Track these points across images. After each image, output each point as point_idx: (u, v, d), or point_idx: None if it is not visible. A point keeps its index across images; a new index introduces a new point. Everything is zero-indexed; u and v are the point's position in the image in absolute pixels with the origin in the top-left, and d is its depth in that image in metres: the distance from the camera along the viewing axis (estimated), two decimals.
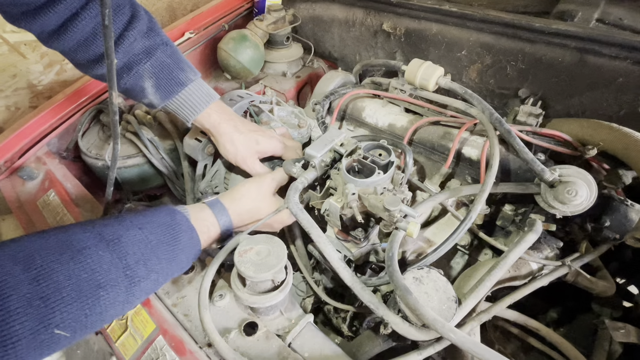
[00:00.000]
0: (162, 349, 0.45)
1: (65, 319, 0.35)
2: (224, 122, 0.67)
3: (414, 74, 0.76)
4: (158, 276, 0.44)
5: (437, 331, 0.44)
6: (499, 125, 0.65)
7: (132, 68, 0.59)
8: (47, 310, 0.34)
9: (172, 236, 0.47)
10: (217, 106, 0.67)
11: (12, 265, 0.34)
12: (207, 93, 0.66)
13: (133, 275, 0.41)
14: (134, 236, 0.43)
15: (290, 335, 0.48)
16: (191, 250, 0.50)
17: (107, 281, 0.39)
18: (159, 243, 0.45)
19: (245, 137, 0.67)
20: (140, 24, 0.58)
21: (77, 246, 0.39)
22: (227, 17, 1.08)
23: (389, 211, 0.53)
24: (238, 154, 0.67)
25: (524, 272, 0.63)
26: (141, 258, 0.42)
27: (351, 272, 0.53)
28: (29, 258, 0.36)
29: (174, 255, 0.46)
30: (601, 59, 0.66)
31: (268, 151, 0.70)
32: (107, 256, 0.40)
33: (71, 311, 0.36)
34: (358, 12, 0.99)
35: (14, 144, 0.75)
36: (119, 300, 0.40)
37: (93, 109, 0.85)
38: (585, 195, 0.56)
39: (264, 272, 0.45)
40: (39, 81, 1.32)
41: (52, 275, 0.35)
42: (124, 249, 0.41)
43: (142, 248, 0.43)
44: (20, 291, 0.33)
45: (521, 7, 0.83)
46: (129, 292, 0.41)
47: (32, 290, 0.34)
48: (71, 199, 0.65)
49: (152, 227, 0.46)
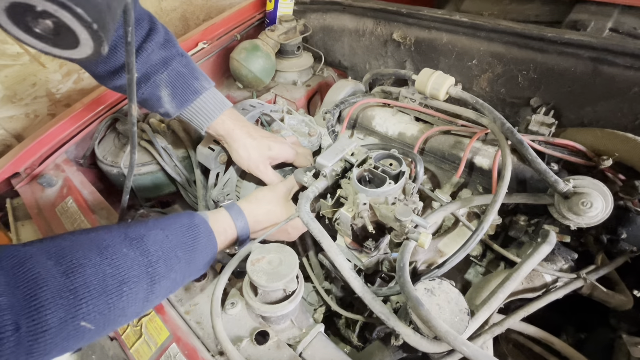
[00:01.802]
0: (175, 356, 0.45)
1: (91, 311, 0.37)
2: (237, 128, 0.69)
3: (425, 83, 0.76)
4: (177, 275, 0.46)
5: (450, 344, 0.44)
6: (511, 135, 0.64)
7: (150, 78, 0.61)
8: (76, 302, 0.36)
9: (191, 237, 0.49)
10: (230, 113, 0.69)
11: (46, 260, 0.37)
12: (221, 101, 0.68)
13: (154, 272, 0.43)
14: (156, 236, 0.45)
15: (301, 345, 0.49)
16: (208, 252, 0.51)
17: (130, 277, 0.40)
18: (178, 243, 0.47)
19: (258, 142, 0.69)
20: (157, 36, 0.60)
21: (104, 244, 0.41)
22: (239, 28, 1.10)
23: (400, 221, 0.53)
24: (251, 159, 0.69)
25: (538, 284, 0.62)
26: (162, 257, 0.44)
27: (362, 283, 0.53)
28: (60, 253, 0.38)
29: (193, 256, 0.48)
30: (615, 69, 0.65)
31: (280, 157, 0.71)
32: (130, 253, 0.42)
33: (97, 304, 0.38)
34: (368, 22, 1.00)
35: (34, 151, 0.78)
36: (139, 297, 0.42)
37: (109, 118, 0.87)
38: (600, 207, 0.55)
39: (276, 281, 0.45)
40: (57, 89, 1.36)
41: (80, 270, 0.38)
42: (146, 247, 0.43)
43: (163, 247, 0.45)
44: (52, 283, 0.35)
45: (532, 17, 0.83)
46: (150, 289, 0.42)
47: (63, 282, 0.36)
48: (88, 205, 0.66)
49: (172, 228, 0.48)
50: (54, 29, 0.32)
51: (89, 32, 0.32)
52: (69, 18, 0.30)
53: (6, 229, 0.77)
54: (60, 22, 0.31)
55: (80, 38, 0.32)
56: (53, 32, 0.32)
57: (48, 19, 0.31)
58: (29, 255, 0.36)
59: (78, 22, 0.31)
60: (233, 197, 0.78)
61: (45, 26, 0.31)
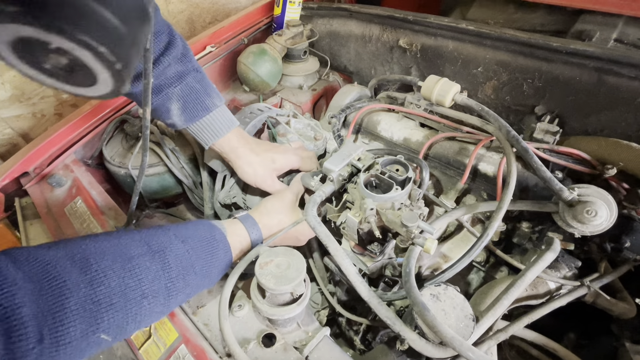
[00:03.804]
0: (184, 357, 0.46)
1: (111, 324, 0.37)
2: (241, 146, 0.70)
3: (431, 90, 0.77)
4: (191, 290, 0.46)
5: (455, 349, 0.44)
6: (516, 143, 0.65)
7: (162, 90, 0.62)
8: (98, 315, 0.36)
9: (209, 252, 0.49)
10: (236, 132, 0.70)
11: (71, 267, 0.36)
12: (229, 119, 0.69)
13: (172, 287, 0.43)
14: (178, 249, 0.45)
15: (307, 348, 0.49)
16: (224, 266, 0.52)
17: (150, 292, 0.40)
18: (197, 258, 0.47)
19: (262, 158, 0.70)
20: (175, 51, 0.61)
21: (128, 254, 0.41)
22: (246, 32, 1.11)
23: (406, 227, 0.53)
24: (257, 175, 0.70)
25: (542, 291, 0.62)
26: (181, 272, 0.44)
27: (368, 287, 0.54)
28: (86, 262, 0.37)
29: (209, 271, 0.48)
30: (620, 79, 0.66)
31: (285, 167, 0.72)
32: (153, 267, 0.41)
33: (117, 317, 0.37)
34: (375, 28, 1.01)
35: (44, 151, 0.79)
36: (156, 310, 0.42)
37: (117, 119, 0.88)
38: (605, 215, 0.56)
39: (284, 284, 0.46)
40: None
41: (105, 281, 0.37)
42: (167, 262, 0.43)
43: (183, 262, 0.45)
44: (77, 294, 0.35)
45: (538, 26, 0.84)
46: (166, 303, 0.42)
47: (87, 293, 0.35)
48: (97, 206, 0.67)
49: (193, 241, 0.48)
50: (67, 66, 0.27)
51: (111, 72, 0.28)
52: (88, 57, 0.26)
53: (14, 228, 0.78)
54: (78, 61, 0.26)
55: (98, 77, 0.29)
56: (67, 69, 0.28)
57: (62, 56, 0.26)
58: (54, 261, 0.36)
59: (99, 62, 0.27)
60: (239, 200, 0.78)
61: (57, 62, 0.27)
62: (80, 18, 0.24)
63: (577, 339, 0.75)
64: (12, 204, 0.78)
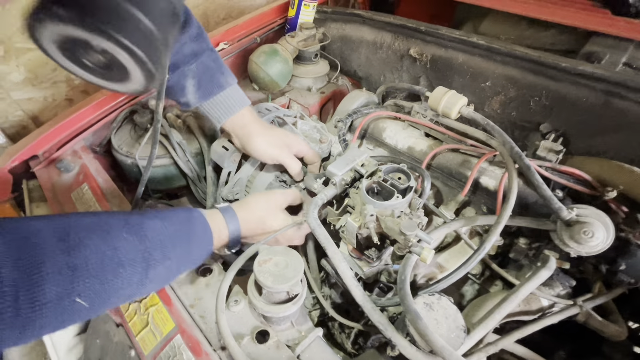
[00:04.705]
0: (179, 347, 0.47)
1: (87, 289, 0.39)
2: (254, 122, 0.72)
3: (438, 101, 0.77)
4: (171, 263, 0.47)
5: (445, 359, 0.45)
6: (518, 160, 0.66)
7: (179, 67, 0.64)
8: (74, 279, 0.38)
9: (187, 228, 0.51)
10: (249, 109, 0.73)
11: (50, 236, 0.38)
12: (242, 97, 0.72)
13: (149, 258, 0.44)
14: (154, 224, 0.47)
15: (299, 347, 0.50)
16: (204, 246, 0.53)
17: (126, 260, 0.42)
18: (175, 232, 0.49)
19: (275, 132, 0.73)
20: (191, 30, 0.63)
21: (105, 227, 0.43)
22: (260, 31, 1.13)
23: (404, 235, 0.54)
24: (271, 147, 0.71)
25: (535, 307, 0.63)
26: (159, 244, 0.46)
27: (363, 291, 0.55)
28: (64, 231, 0.40)
29: (189, 247, 0.50)
30: (626, 103, 0.66)
31: (294, 144, 0.74)
32: (129, 238, 0.43)
33: (93, 283, 0.39)
34: (387, 35, 1.02)
35: (54, 136, 0.80)
36: (134, 280, 0.43)
37: (128, 110, 0.90)
38: (601, 237, 0.56)
39: (282, 283, 0.47)
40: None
41: (82, 249, 0.39)
42: (144, 233, 0.45)
43: (160, 235, 0.47)
44: (54, 259, 0.37)
45: (548, 45, 0.84)
46: (144, 273, 0.44)
47: (64, 259, 0.37)
48: (103, 193, 0.68)
49: (171, 219, 0.50)
50: (105, 63, 0.31)
51: (143, 72, 0.31)
52: (125, 57, 0.29)
53: (20, 209, 0.79)
54: (115, 59, 0.30)
55: (131, 75, 0.32)
56: (104, 66, 0.31)
57: (102, 55, 0.30)
58: (36, 231, 0.38)
59: (134, 62, 0.30)
60: (242, 197, 0.80)
61: (97, 60, 0.30)
62: (121, 22, 0.27)
63: (568, 358, 0.75)
64: (20, 186, 0.79)
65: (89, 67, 0.32)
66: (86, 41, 0.28)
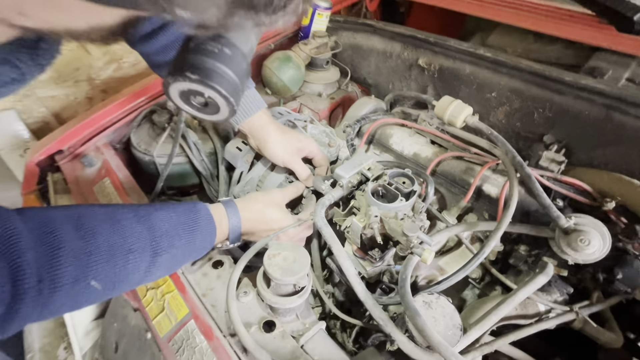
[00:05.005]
0: (192, 332, 0.50)
1: (100, 273, 0.42)
2: (271, 124, 0.76)
3: (444, 110, 0.80)
4: (177, 252, 0.51)
5: (441, 354, 0.48)
6: (520, 169, 0.68)
7: None
8: (89, 263, 0.42)
9: (192, 219, 0.54)
10: (266, 111, 0.77)
11: (67, 224, 0.42)
12: (259, 100, 0.76)
13: (157, 246, 0.48)
14: (161, 215, 0.51)
15: (303, 338, 0.53)
16: (207, 236, 0.57)
17: (135, 248, 0.46)
18: (180, 223, 0.52)
19: (289, 136, 0.77)
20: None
21: (116, 217, 0.47)
22: (274, 38, 1.17)
23: (407, 236, 0.57)
24: (284, 150, 0.76)
25: (531, 312, 0.65)
26: (165, 233, 0.49)
27: (365, 288, 0.57)
28: (80, 220, 0.44)
29: (193, 236, 0.53)
30: (627, 118, 0.68)
31: (306, 148, 0.79)
32: (138, 227, 0.47)
33: (105, 267, 0.43)
34: (396, 45, 1.05)
35: (78, 133, 0.85)
36: (142, 266, 0.47)
37: (147, 110, 0.95)
38: (597, 245, 0.58)
39: (290, 276, 0.50)
40: (98, 76, 1.46)
41: (95, 236, 0.43)
42: (152, 223, 0.49)
43: (166, 225, 0.50)
44: (71, 245, 0.41)
45: (553, 59, 0.87)
46: (152, 261, 0.48)
47: (80, 245, 0.41)
48: (123, 187, 0.73)
49: (176, 210, 0.54)
50: (205, 103, 0.43)
51: (229, 107, 0.43)
52: (220, 100, 0.42)
53: (44, 201, 0.84)
54: (212, 101, 0.42)
55: (221, 109, 0.44)
56: (204, 105, 0.44)
57: (204, 98, 0.42)
58: (53, 220, 0.42)
59: (225, 103, 0.42)
60: None
61: (201, 101, 0.43)
62: (221, 79, 0.41)
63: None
64: (45, 178, 0.84)
65: (195, 106, 0.45)
66: (200, 92, 0.42)
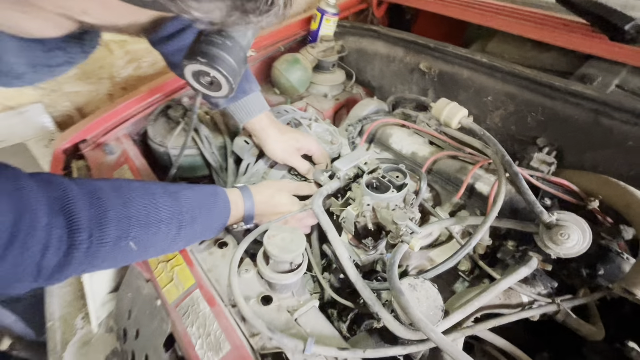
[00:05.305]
0: (197, 299, 0.56)
1: (137, 236, 0.49)
2: (271, 126, 0.82)
3: (440, 111, 0.85)
4: (197, 227, 0.58)
5: (421, 329, 0.52)
6: (508, 167, 0.72)
7: None
8: (129, 225, 0.49)
9: (212, 201, 0.62)
10: (267, 115, 0.83)
11: (110, 192, 0.49)
12: (262, 103, 0.82)
13: (182, 219, 0.55)
14: (187, 193, 0.58)
15: (297, 312, 0.58)
16: (223, 217, 0.63)
17: (165, 218, 0.53)
18: (202, 203, 0.60)
19: (288, 137, 0.83)
20: None
21: (150, 190, 0.54)
22: (284, 41, 1.24)
23: (396, 224, 0.62)
24: (283, 151, 0.82)
25: (514, 302, 0.68)
26: (189, 209, 0.56)
27: (357, 271, 0.62)
28: (121, 190, 0.51)
29: (211, 215, 0.60)
30: (613, 122, 0.72)
31: (305, 147, 0.84)
32: (168, 201, 0.54)
33: (141, 232, 0.50)
34: (399, 50, 1.11)
35: (101, 124, 0.93)
36: (169, 236, 0.54)
37: (164, 105, 1.02)
38: (577, 239, 0.62)
39: (287, 254, 0.55)
40: (119, 74, 1.55)
41: (133, 204, 0.50)
42: (179, 199, 0.56)
43: (191, 202, 0.58)
44: (114, 209, 0.48)
45: (548, 66, 0.90)
46: (177, 232, 0.55)
47: (121, 211, 0.49)
48: (140, 173, 0.80)
49: (199, 192, 0.61)
50: (210, 82, 0.55)
51: (228, 85, 0.54)
52: (222, 79, 0.53)
53: None
54: (215, 80, 0.54)
55: (222, 87, 0.55)
56: (209, 83, 0.55)
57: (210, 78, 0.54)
58: (99, 188, 0.49)
59: (225, 82, 0.53)
60: None
61: (207, 80, 0.54)
62: (222, 63, 0.52)
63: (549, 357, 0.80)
64: (69, 165, 0.92)
65: (203, 84, 0.56)
66: (206, 72, 0.53)
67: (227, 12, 0.27)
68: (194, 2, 0.25)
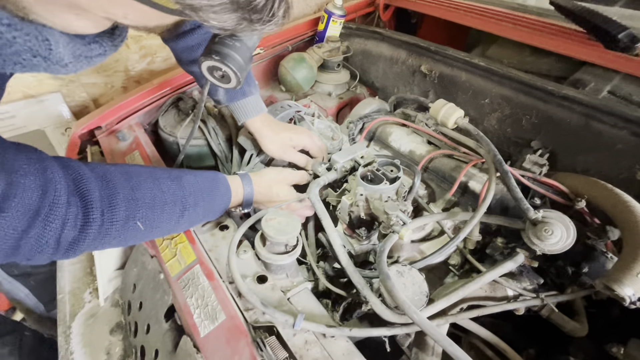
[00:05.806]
0: (197, 273, 0.60)
1: (144, 217, 0.54)
2: (265, 127, 0.87)
3: (438, 111, 0.88)
4: (199, 210, 0.62)
5: (405, 311, 0.55)
6: (499, 166, 0.75)
7: None
8: (136, 207, 0.53)
9: (214, 186, 0.66)
10: (263, 116, 0.88)
11: (119, 176, 0.54)
12: (260, 106, 0.88)
13: (185, 202, 0.60)
14: (190, 178, 0.63)
15: (290, 292, 0.62)
16: (223, 201, 0.68)
17: (170, 201, 0.57)
18: (204, 188, 0.64)
19: (281, 137, 0.87)
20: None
21: (155, 175, 0.59)
22: (292, 41, 1.29)
23: (387, 214, 0.65)
24: (278, 150, 0.86)
25: (499, 295, 0.71)
26: (192, 193, 0.61)
27: (348, 257, 0.66)
28: (129, 174, 0.55)
29: (213, 199, 0.65)
30: (603, 126, 0.74)
31: (299, 144, 0.89)
32: (173, 185, 0.59)
33: (147, 213, 0.54)
34: (402, 52, 1.14)
35: (115, 112, 0.99)
36: (174, 217, 0.58)
37: (174, 97, 1.07)
38: (559, 236, 0.64)
39: (282, 235, 0.59)
40: (133, 67, 1.62)
41: (140, 188, 0.55)
42: (182, 184, 0.61)
43: (194, 186, 0.62)
44: (123, 192, 0.52)
45: (544, 70, 0.93)
46: (181, 214, 0.59)
47: (129, 193, 0.53)
48: (149, 159, 0.84)
49: (202, 176, 0.66)
50: (222, 75, 0.63)
51: (236, 78, 0.62)
52: (231, 73, 0.61)
53: None
54: (226, 74, 0.62)
55: (232, 80, 0.63)
56: (221, 77, 0.63)
57: (221, 72, 0.62)
58: (110, 172, 0.54)
59: (234, 75, 0.61)
60: None
61: (219, 74, 0.63)
62: (231, 60, 0.60)
63: (536, 356, 0.82)
64: (84, 150, 0.97)
65: (216, 77, 0.63)
66: (219, 67, 0.61)
67: (237, 22, 0.33)
68: (213, 14, 0.31)
